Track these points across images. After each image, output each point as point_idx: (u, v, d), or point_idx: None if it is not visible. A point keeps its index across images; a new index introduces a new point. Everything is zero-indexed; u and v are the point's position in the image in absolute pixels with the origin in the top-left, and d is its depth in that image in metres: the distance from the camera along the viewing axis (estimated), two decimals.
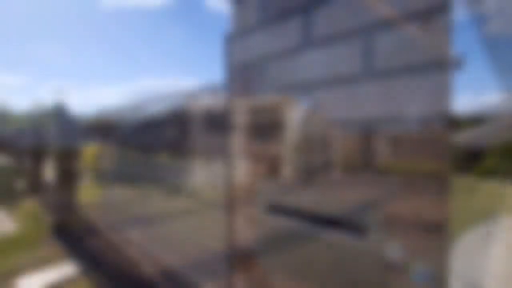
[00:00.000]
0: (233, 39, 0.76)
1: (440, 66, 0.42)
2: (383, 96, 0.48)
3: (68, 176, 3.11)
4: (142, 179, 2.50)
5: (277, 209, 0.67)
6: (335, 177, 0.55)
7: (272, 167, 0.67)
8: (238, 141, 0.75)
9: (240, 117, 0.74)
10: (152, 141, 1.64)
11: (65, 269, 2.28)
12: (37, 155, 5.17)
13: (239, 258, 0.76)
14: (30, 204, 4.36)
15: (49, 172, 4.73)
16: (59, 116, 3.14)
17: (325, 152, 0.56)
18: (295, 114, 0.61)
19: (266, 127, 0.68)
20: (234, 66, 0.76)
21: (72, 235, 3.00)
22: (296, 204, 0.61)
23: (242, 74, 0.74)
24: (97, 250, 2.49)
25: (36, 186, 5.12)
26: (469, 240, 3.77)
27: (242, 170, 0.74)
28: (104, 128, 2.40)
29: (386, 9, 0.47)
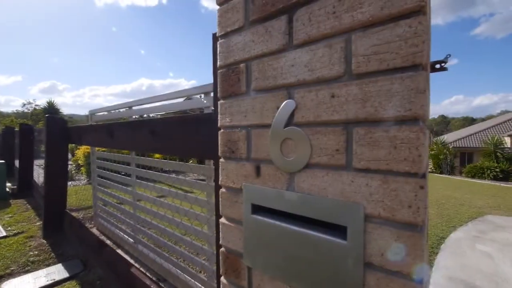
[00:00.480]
0: (219, 39, 0.76)
1: (417, 69, 0.43)
2: (361, 98, 0.48)
3: (59, 176, 3.05)
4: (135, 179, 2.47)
5: (262, 209, 0.67)
6: (316, 177, 0.55)
7: (257, 168, 0.67)
8: (223, 142, 0.75)
9: (226, 118, 0.74)
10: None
11: (56, 272, 2.24)
12: (27, 154, 5.08)
13: (226, 259, 0.76)
14: (20, 205, 4.28)
15: (40, 171, 4.64)
16: (50, 115, 3.09)
17: (307, 152, 0.56)
18: (279, 115, 0.61)
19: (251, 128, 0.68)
20: (221, 66, 0.76)
21: (63, 237, 2.95)
22: (281, 204, 0.62)
23: (228, 75, 0.73)
24: (89, 252, 2.46)
25: (27, 186, 5.02)
26: (459, 239, 3.83)
27: (228, 170, 0.74)
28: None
29: (364, 11, 0.48)
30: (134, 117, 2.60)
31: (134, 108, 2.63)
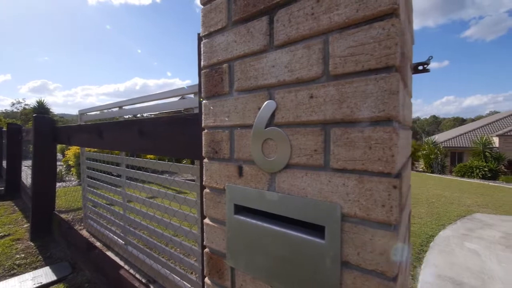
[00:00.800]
0: (203, 39, 0.75)
1: (390, 70, 0.44)
2: (338, 99, 0.49)
3: (47, 177, 2.99)
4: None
5: (244, 209, 0.67)
6: (296, 177, 0.56)
7: (240, 168, 0.67)
8: (207, 142, 0.75)
9: (210, 118, 0.74)
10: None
11: (43, 275, 2.19)
12: (15, 154, 4.96)
13: (210, 260, 0.75)
14: (7, 207, 4.17)
15: (28, 172, 4.54)
16: (39, 114, 3.02)
17: (287, 153, 0.56)
18: (260, 116, 0.61)
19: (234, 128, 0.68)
20: (205, 66, 0.75)
21: (51, 240, 2.90)
22: (262, 205, 0.62)
23: (211, 75, 0.73)
24: (77, 254, 2.41)
25: (15, 188, 4.90)
26: (448, 237, 3.90)
27: (211, 171, 0.74)
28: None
29: (341, 13, 0.48)
30: (127, 116, 2.58)
31: (125, 108, 2.60)
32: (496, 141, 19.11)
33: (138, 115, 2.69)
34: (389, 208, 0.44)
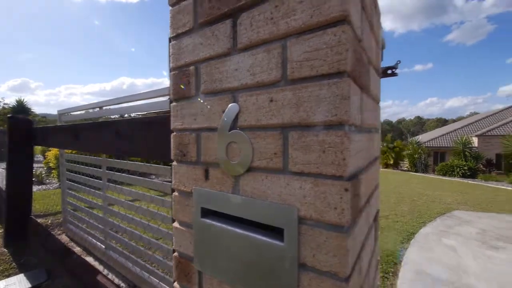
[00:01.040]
0: (171, 41, 0.75)
1: (342, 76, 0.45)
2: (295, 103, 0.49)
3: (22, 180, 2.87)
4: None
5: (211, 213, 0.67)
6: (257, 181, 0.56)
7: (206, 171, 0.66)
8: (175, 145, 0.74)
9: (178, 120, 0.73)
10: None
11: (16, 283, 2.10)
12: None
13: (178, 264, 0.75)
14: None
15: (4, 174, 4.34)
16: (13, 114, 2.89)
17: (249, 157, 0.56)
18: (224, 119, 0.61)
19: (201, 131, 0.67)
20: (173, 68, 0.74)
21: (26, 246, 2.78)
22: (227, 208, 0.62)
23: (179, 77, 0.72)
24: (54, 260, 2.33)
25: None
26: (427, 234, 4.03)
27: (180, 174, 0.73)
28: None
29: (297, 18, 0.49)
30: (115, 117, 2.51)
31: (110, 107, 2.54)
32: (475, 141, 19.95)
33: (126, 115, 2.63)
34: (341, 211, 0.45)
